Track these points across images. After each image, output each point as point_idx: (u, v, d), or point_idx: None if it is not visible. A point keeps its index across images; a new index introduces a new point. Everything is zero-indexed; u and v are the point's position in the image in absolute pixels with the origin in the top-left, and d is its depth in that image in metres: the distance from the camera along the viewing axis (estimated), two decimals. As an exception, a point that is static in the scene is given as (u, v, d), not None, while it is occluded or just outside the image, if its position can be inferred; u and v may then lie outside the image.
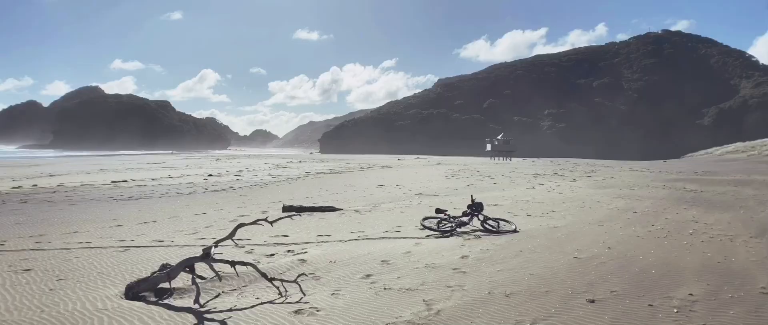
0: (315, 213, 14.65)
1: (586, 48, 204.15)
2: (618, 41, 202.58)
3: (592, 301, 6.52)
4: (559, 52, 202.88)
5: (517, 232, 11.31)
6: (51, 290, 7.02)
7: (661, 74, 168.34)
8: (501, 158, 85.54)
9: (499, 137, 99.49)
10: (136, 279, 7.11)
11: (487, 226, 11.56)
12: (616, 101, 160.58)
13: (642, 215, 14.16)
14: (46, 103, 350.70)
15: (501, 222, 11.88)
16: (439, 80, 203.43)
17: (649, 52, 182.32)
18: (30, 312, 6.12)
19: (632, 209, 15.59)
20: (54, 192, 21.48)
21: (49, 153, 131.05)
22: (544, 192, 21.17)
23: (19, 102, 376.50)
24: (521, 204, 16.75)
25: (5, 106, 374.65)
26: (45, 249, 9.72)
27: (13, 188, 23.55)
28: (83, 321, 5.83)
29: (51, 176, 32.93)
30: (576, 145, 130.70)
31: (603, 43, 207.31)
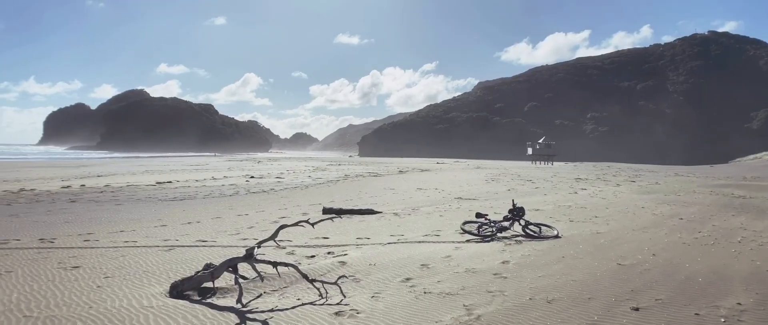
0: (354, 216, 14.71)
1: (629, 50, 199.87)
2: (663, 43, 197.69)
3: (637, 309, 6.38)
4: (602, 55, 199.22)
5: (559, 237, 11.15)
6: (99, 287, 7.22)
7: (708, 76, 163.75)
8: (542, 162, 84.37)
9: (540, 141, 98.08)
10: (180, 278, 7.26)
11: (528, 231, 11.42)
12: (661, 104, 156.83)
13: (688, 222, 13.79)
14: (93, 106, 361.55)
15: (542, 227, 11.73)
16: (478, 83, 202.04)
17: (696, 54, 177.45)
18: (78, 308, 6.31)
19: (678, 215, 15.20)
20: (101, 192, 22.10)
21: (97, 154, 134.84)
22: (586, 197, 20.81)
23: (68, 105, 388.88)
24: (563, 209, 16.50)
25: (55, 109, 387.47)
26: (93, 247, 10.01)
27: (62, 187, 24.31)
28: (129, 318, 5.98)
29: (98, 176, 33.88)
30: (619, 149, 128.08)
31: (647, 46, 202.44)
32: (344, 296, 6.80)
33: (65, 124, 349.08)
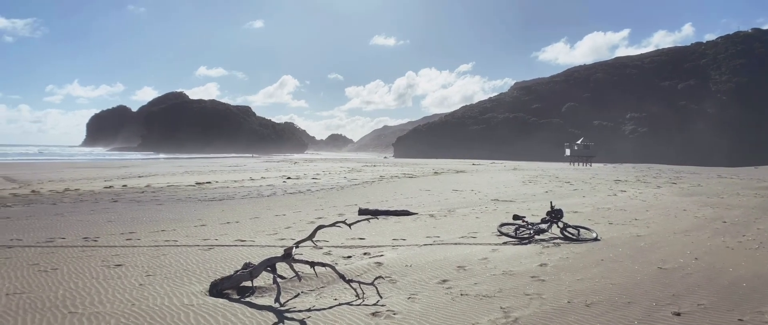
0: (390, 217, 14.72)
1: (670, 49, 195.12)
2: (705, 41, 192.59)
3: (678, 314, 6.24)
4: (642, 54, 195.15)
5: (598, 240, 10.97)
6: (141, 284, 7.38)
7: (752, 75, 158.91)
8: (580, 164, 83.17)
9: (578, 142, 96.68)
10: (219, 277, 7.38)
11: (566, 233, 11.26)
12: (702, 104, 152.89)
13: (731, 225, 13.41)
14: (134, 108, 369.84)
15: (581, 230, 11.56)
16: (515, 83, 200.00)
17: (739, 53, 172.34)
18: (121, 305, 6.46)
19: (721, 218, 14.80)
20: (142, 192, 22.60)
21: (138, 155, 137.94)
22: (626, 199, 20.43)
23: (110, 107, 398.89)
24: (602, 211, 16.24)
25: (98, 111, 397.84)
26: (135, 246, 10.24)
27: (105, 187, 24.94)
28: (170, 316, 6.09)
29: (139, 177, 34.66)
30: (660, 150, 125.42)
31: (689, 44, 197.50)
32: (381, 297, 6.81)
33: (107, 125, 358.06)
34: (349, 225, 7.84)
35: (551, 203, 12.76)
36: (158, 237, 11.32)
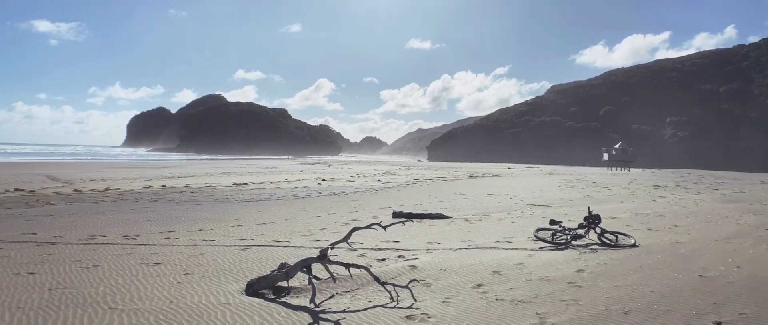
0: (424, 220, 14.69)
1: (711, 51, 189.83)
2: (748, 44, 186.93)
3: (719, 323, 6.08)
4: (682, 56, 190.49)
5: (637, 246, 10.76)
6: (179, 283, 7.50)
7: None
8: (618, 168, 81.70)
9: (616, 146, 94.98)
10: (256, 277, 7.46)
11: (604, 239, 11.07)
12: (745, 108, 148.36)
13: (777, 233, 13.01)
14: (173, 110, 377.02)
15: (619, 236, 11.35)
16: (551, 86, 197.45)
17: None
18: (160, 302, 6.57)
19: (764, 225, 14.36)
20: (181, 192, 22.99)
21: (176, 156, 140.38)
22: (665, 205, 20.00)
23: (150, 108, 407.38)
24: (641, 217, 15.93)
25: (138, 112, 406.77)
26: (173, 245, 10.42)
27: (144, 187, 25.45)
28: (207, 314, 6.17)
29: (178, 177, 35.27)
30: (700, 155, 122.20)
31: (731, 46, 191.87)
32: (415, 300, 6.79)
33: (147, 127, 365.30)
34: (384, 227, 7.84)
35: (589, 208, 12.57)
36: (196, 236, 11.50)
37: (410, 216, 14.98)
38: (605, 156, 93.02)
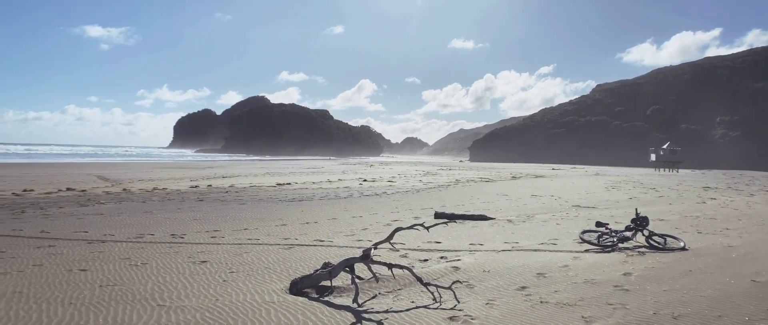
0: (466, 221, 14.58)
1: (764, 48, 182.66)
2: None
3: (774, 330, 5.85)
4: (733, 54, 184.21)
5: (686, 250, 10.45)
6: (224, 281, 7.62)
7: None
8: (666, 170, 79.67)
9: (664, 147, 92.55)
10: (299, 276, 7.52)
11: (652, 242, 10.80)
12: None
13: (838, 237, 12.47)
14: (219, 112, 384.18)
15: (668, 238, 11.05)
16: (597, 85, 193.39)
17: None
18: (206, 300, 6.69)
19: (824, 229, 13.80)
20: (226, 192, 23.39)
21: (222, 157, 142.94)
22: (716, 207, 19.40)
23: (196, 110, 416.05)
24: (690, 220, 15.48)
25: (184, 114, 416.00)
26: (219, 243, 10.61)
27: (191, 187, 25.98)
28: (252, 312, 6.25)
29: (223, 177, 35.90)
30: (753, 156, 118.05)
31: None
32: (458, 302, 6.74)
33: (193, 128, 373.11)
34: (427, 228, 7.81)
35: (636, 209, 12.28)
36: (241, 235, 11.68)
37: (452, 217, 14.89)
38: (653, 157, 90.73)
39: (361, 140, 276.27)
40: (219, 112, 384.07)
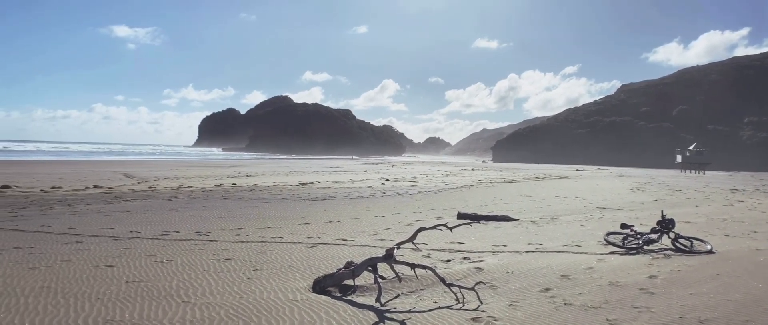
0: (490, 222, 14.51)
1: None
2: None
3: (804, 336, 5.73)
4: (762, 53, 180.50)
5: (713, 253, 10.27)
6: (248, 278, 7.68)
7: None
8: (693, 171, 78.50)
9: (690, 148, 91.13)
10: (322, 274, 7.55)
11: (678, 245, 10.63)
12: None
13: None
14: (243, 111, 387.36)
15: (694, 241, 10.87)
16: (622, 85, 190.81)
17: None
18: (230, 297, 6.75)
19: None
20: (250, 190, 23.58)
21: (246, 155, 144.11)
22: (744, 210, 19.05)
23: (220, 110, 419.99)
24: (717, 222, 15.23)
25: (209, 113, 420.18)
26: (243, 241, 10.70)
27: (215, 185, 26.25)
28: (276, 310, 6.29)
29: (247, 176, 36.21)
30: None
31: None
32: (481, 303, 6.71)
33: (218, 127, 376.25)
34: (450, 228, 7.78)
35: (662, 211, 12.10)
36: (265, 233, 11.77)
37: (476, 218, 14.83)
38: (679, 158, 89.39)
39: (384, 140, 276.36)
40: (243, 112, 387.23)
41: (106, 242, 10.35)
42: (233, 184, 27.42)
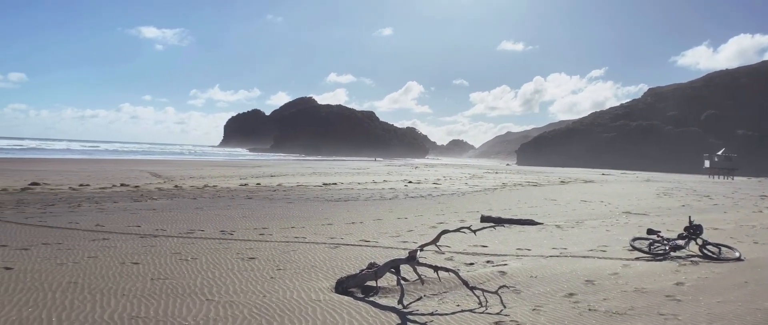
0: (513, 226, 14.40)
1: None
2: None
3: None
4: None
5: (742, 260, 10.07)
6: (272, 278, 7.73)
7: None
8: (721, 177, 77.11)
9: (719, 153, 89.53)
10: (345, 275, 7.56)
11: (706, 251, 10.45)
12: None
13: None
14: (268, 112, 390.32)
15: (723, 248, 10.67)
16: (649, 89, 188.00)
17: None
18: (254, 296, 6.79)
19: None
20: (274, 191, 23.73)
21: (270, 156, 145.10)
22: (776, 217, 18.65)
23: (245, 110, 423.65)
24: (746, 229, 14.93)
25: (234, 114, 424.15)
26: (267, 241, 10.78)
27: (240, 185, 26.47)
28: (299, 310, 6.31)
29: (271, 176, 36.45)
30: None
31: None
32: (504, 307, 6.66)
33: (243, 128, 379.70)
34: (474, 231, 7.74)
35: (690, 217, 11.91)
36: (288, 233, 11.83)
37: (499, 221, 14.72)
38: (706, 163, 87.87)
39: (407, 142, 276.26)
40: (268, 113, 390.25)
41: (132, 239, 10.50)
42: (257, 184, 27.62)
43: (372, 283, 7.21)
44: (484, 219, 15.32)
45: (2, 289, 6.75)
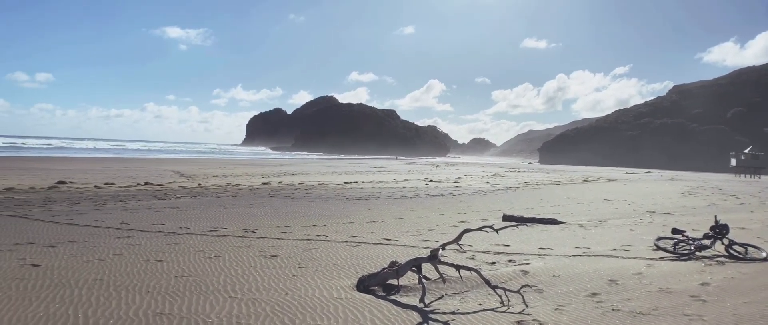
0: (536, 225, 14.30)
1: None
2: None
3: None
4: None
5: (770, 260, 9.91)
6: (294, 275, 7.78)
7: None
8: (747, 176, 75.76)
9: (745, 151, 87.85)
10: (366, 273, 7.58)
11: (732, 251, 10.29)
12: None
13: None
14: (290, 111, 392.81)
15: (749, 248, 10.50)
16: (674, 86, 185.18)
17: None
18: (276, 294, 6.84)
19: None
20: (296, 189, 23.85)
21: (292, 155, 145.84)
22: (805, 217, 18.27)
23: (268, 109, 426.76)
24: (775, 229, 14.66)
25: (256, 113, 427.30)
26: (289, 239, 10.84)
27: (262, 183, 26.65)
28: (320, 307, 6.35)
29: (293, 175, 36.63)
30: None
31: None
32: (526, 306, 6.62)
33: (265, 127, 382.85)
34: (496, 230, 7.71)
35: (715, 217, 11.73)
36: (310, 232, 11.89)
37: (522, 220, 14.62)
38: (733, 162, 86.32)
39: (428, 140, 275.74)
40: (290, 112, 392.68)
41: (157, 237, 10.63)
42: (279, 182, 27.79)
43: (393, 281, 7.21)
44: (506, 218, 15.24)
45: (30, 285, 6.89)
